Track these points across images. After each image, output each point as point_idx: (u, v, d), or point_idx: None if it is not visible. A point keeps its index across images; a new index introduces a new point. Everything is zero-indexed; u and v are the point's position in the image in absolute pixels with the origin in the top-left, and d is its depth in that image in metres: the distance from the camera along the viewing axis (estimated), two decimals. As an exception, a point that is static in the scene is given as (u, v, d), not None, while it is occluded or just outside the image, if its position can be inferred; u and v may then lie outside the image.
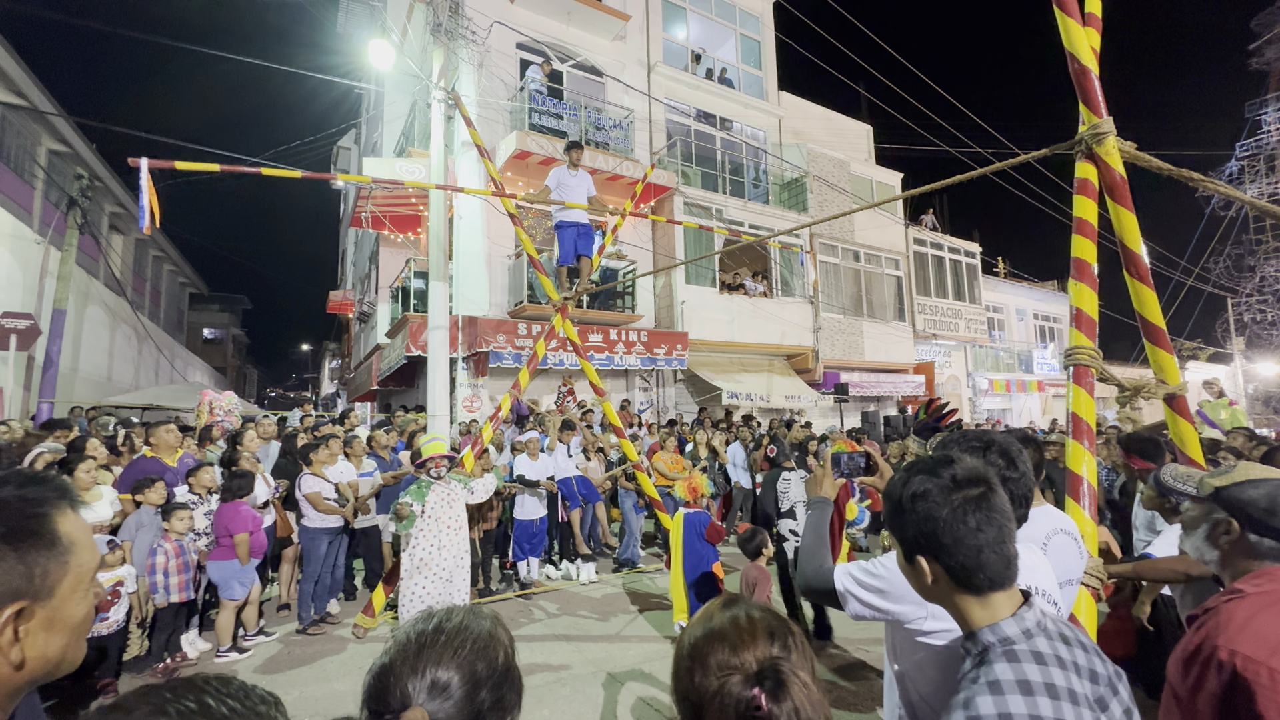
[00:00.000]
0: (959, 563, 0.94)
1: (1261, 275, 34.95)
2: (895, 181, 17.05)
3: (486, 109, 10.85)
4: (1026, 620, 0.92)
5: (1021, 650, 0.89)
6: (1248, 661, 1.07)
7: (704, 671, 0.79)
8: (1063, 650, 0.91)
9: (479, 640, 0.78)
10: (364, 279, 16.68)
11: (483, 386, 10.29)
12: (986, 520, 0.94)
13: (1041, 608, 0.97)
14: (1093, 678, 0.90)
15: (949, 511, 0.95)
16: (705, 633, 0.82)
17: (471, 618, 0.81)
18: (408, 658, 0.74)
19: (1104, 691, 0.90)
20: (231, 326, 35.59)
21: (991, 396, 19.43)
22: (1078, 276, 2.57)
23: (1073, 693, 0.86)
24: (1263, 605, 1.15)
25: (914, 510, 0.98)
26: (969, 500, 0.95)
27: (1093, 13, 3.03)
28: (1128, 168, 2.66)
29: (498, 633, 0.81)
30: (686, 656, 0.82)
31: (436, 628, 0.78)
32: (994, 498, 0.96)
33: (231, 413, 8.80)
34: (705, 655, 0.80)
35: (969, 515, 0.94)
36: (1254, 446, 4.72)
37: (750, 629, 0.80)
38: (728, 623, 0.82)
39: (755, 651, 0.78)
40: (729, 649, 0.79)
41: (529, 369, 5.90)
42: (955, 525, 0.94)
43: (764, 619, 0.83)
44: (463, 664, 0.74)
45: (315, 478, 5.00)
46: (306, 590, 4.98)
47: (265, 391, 48.23)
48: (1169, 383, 2.59)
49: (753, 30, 15.25)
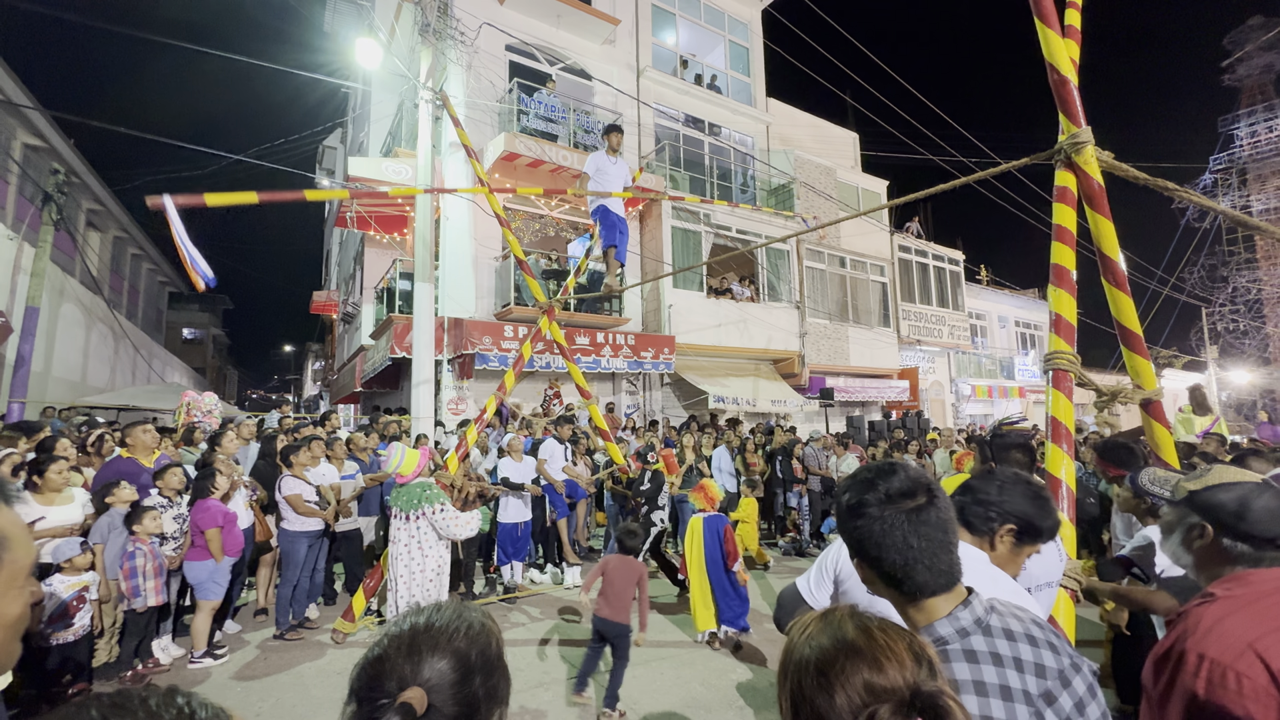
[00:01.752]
0: (888, 572, 0.96)
1: (1234, 286, 35.90)
2: (881, 189, 17.24)
3: (475, 110, 10.81)
4: (962, 620, 0.93)
5: (954, 650, 0.91)
6: (1214, 664, 1.08)
7: (844, 692, 0.69)
8: (1002, 647, 0.91)
9: (471, 629, 0.78)
10: (348, 280, 16.51)
11: (468, 389, 10.21)
12: (917, 533, 0.95)
13: (987, 605, 0.97)
14: (1039, 672, 0.90)
15: (879, 525, 0.96)
16: (836, 644, 0.73)
17: (463, 609, 0.81)
18: (401, 647, 0.74)
19: (1052, 685, 0.90)
20: (212, 326, 35.01)
21: (974, 402, 19.68)
22: (1057, 283, 2.61)
23: (1005, 689, 0.87)
24: (1231, 609, 1.15)
25: (850, 520, 1.01)
26: (901, 513, 0.96)
27: (1072, 25, 3.09)
28: (1106, 177, 2.72)
29: (488, 624, 0.81)
30: (816, 671, 0.72)
31: (429, 619, 0.78)
32: (929, 511, 0.96)
33: (211, 414, 8.66)
34: (845, 672, 0.70)
35: (899, 528, 0.95)
36: (1225, 451, 4.82)
37: (891, 645, 0.71)
38: (861, 636, 0.73)
39: (903, 673, 0.69)
40: (874, 667, 0.70)
41: (515, 371, 5.87)
42: (885, 538, 0.96)
43: (902, 635, 0.74)
44: (457, 651, 0.74)
45: (296, 480, 4.92)
46: (285, 594, 4.89)
47: (246, 393, 47.47)
48: (1145, 388, 2.64)
49: (741, 37, 15.37)
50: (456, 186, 10.57)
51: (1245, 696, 1.07)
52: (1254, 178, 35.36)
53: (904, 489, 0.98)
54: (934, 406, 17.93)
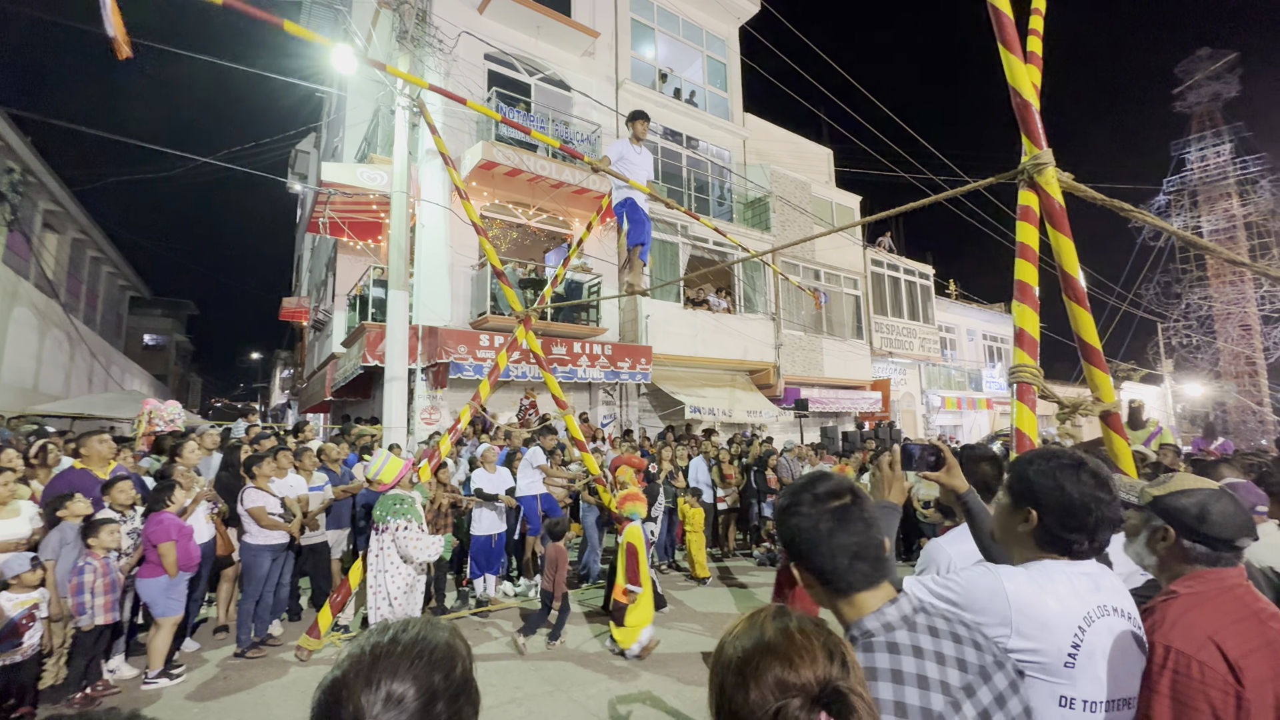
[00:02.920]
0: (819, 566, 1.04)
1: (1187, 302, 37.48)
2: (854, 204, 17.62)
3: (452, 118, 10.76)
4: (888, 615, 1.00)
5: (878, 642, 0.98)
6: (1179, 655, 1.17)
7: (759, 689, 0.73)
8: (925, 641, 0.98)
9: (436, 651, 0.75)
10: (320, 286, 16.19)
11: (442, 398, 10.07)
12: (845, 530, 1.03)
13: (916, 605, 1.05)
14: (961, 666, 0.98)
15: (810, 523, 1.05)
16: (756, 645, 0.76)
17: (429, 629, 0.78)
18: (361, 670, 0.71)
19: (972, 679, 0.97)
20: (175, 332, 33.90)
21: (944, 413, 20.11)
22: (1020, 298, 2.69)
23: (923, 678, 0.94)
24: (1193, 605, 1.25)
25: (784, 522, 1.09)
26: (828, 512, 1.04)
27: (1034, 51, 3.22)
28: (1066, 197, 2.82)
29: (455, 644, 0.78)
30: (736, 670, 0.76)
31: (392, 639, 0.75)
32: (853, 509, 1.05)
33: (174, 423, 8.38)
34: (760, 671, 0.74)
35: (825, 523, 1.04)
36: (1180, 461, 5.01)
37: (807, 645, 0.75)
38: (780, 635, 0.77)
39: (815, 670, 0.73)
40: (786, 665, 0.73)
41: (490, 380, 5.81)
42: (814, 535, 1.04)
43: (818, 633, 0.78)
44: (419, 676, 0.72)
45: (259, 491, 4.78)
46: (246, 610, 4.73)
47: (210, 401, 45.99)
48: (1104, 400, 2.73)
49: (719, 53, 15.62)
50: (432, 194, 10.49)
51: (1207, 684, 1.16)
52: (1204, 199, 37.09)
53: (831, 491, 1.07)
54: (905, 417, 18.27)
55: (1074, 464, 1.28)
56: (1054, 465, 1.29)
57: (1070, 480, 1.26)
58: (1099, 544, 1.26)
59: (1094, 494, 1.24)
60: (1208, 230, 36.40)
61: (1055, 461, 1.29)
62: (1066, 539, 1.26)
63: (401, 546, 4.11)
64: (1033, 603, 1.17)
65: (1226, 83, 37.02)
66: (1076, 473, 1.27)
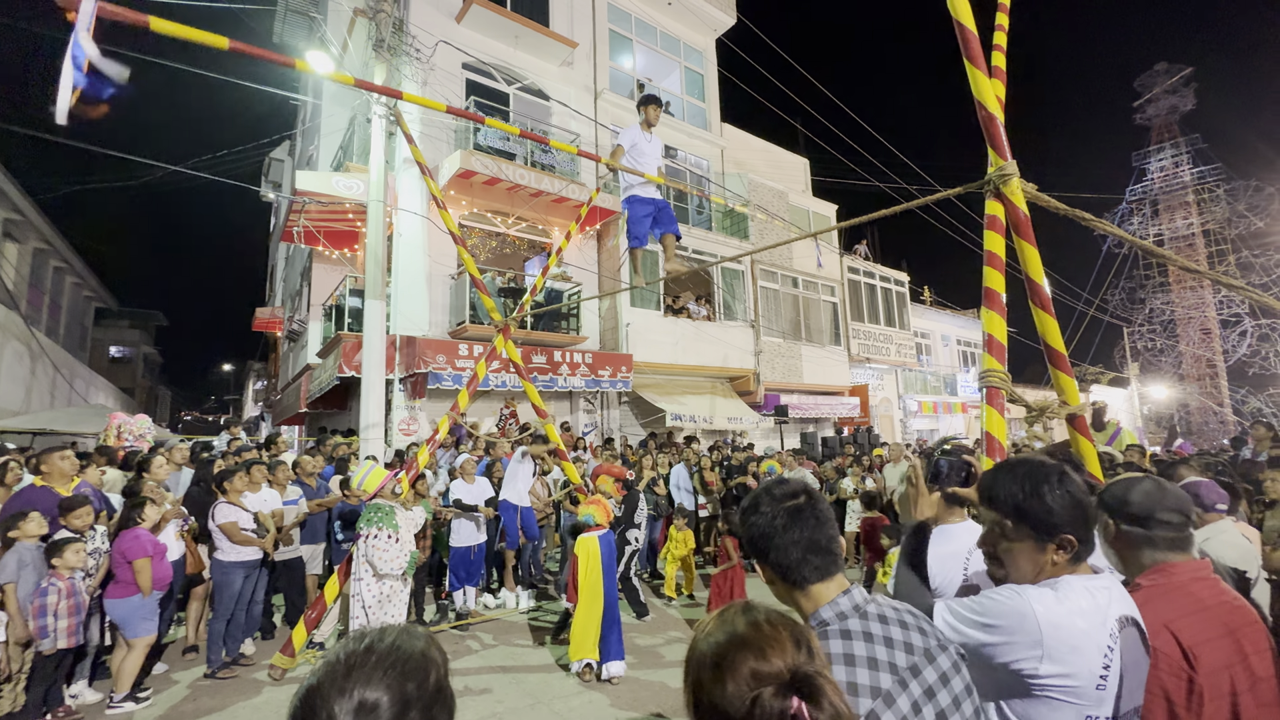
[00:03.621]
0: (776, 561, 1.12)
1: (1150, 307, 38.72)
2: (830, 212, 17.90)
3: (430, 126, 10.71)
4: (841, 605, 1.08)
5: (832, 630, 1.05)
6: None
7: (734, 681, 0.76)
8: (875, 628, 1.05)
9: (411, 660, 0.76)
10: (294, 296, 15.92)
11: (420, 409, 9.95)
12: (798, 526, 1.11)
13: (867, 596, 1.12)
14: (907, 649, 1.05)
15: (767, 521, 1.14)
16: (729, 639, 0.80)
17: (405, 637, 0.79)
18: (336, 678, 0.72)
19: (918, 660, 1.04)
20: (143, 344, 33.00)
21: (921, 418, 20.43)
22: (988, 305, 2.76)
23: (873, 660, 1.00)
24: (1153, 596, 1.32)
25: (746, 521, 1.18)
26: (786, 511, 1.13)
27: (998, 66, 3.32)
28: (1031, 207, 2.91)
29: (431, 652, 0.79)
30: (711, 665, 0.79)
31: (368, 647, 0.76)
32: (809, 507, 1.13)
33: (143, 438, 8.18)
34: (735, 664, 0.77)
35: (780, 519, 1.12)
36: (1147, 460, 5.16)
37: (775, 635, 0.79)
38: (751, 628, 0.80)
39: (785, 658, 0.77)
40: (758, 656, 0.77)
41: (469, 390, 5.76)
42: (770, 531, 1.13)
43: (785, 622, 0.82)
44: (392, 684, 0.72)
45: (231, 506, 4.67)
46: (218, 629, 4.60)
47: (179, 414, 44.76)
48: (1070, 404, 2.81)
49: (696, 64, 15.81)
50: (410, 203, 10.41)
51: (1161, 669, 1.24)
52: (1164, 208, 38.43)
53: (788, 492, 1.16)
54: (883, 422, 18.52)
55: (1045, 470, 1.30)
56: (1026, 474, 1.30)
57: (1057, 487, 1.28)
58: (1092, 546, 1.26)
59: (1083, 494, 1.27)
60: (1169, 238, 37.70)
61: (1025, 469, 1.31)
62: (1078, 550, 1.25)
63: (369, 555, 4.09)
64: (1061, 624, 1.16)
65: (1182, 96, 38.54)
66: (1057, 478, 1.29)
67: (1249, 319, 34.31)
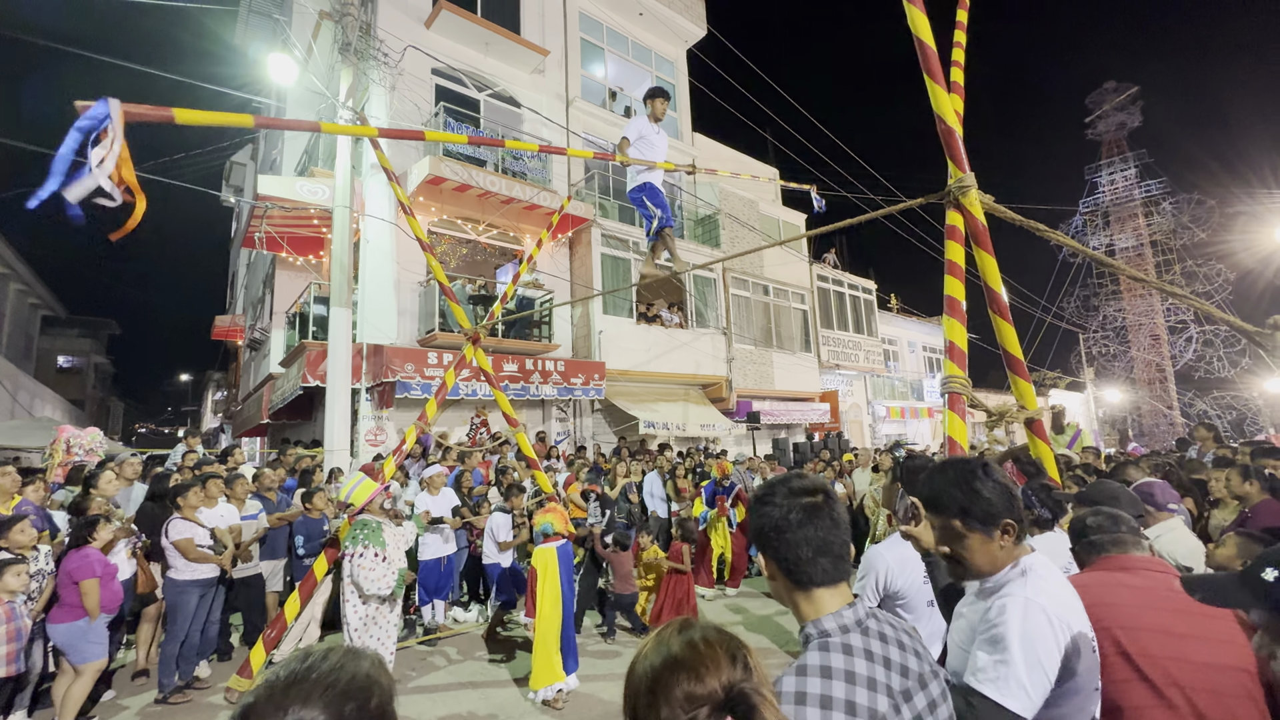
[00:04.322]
0: (785, 556, 1.09)
1: (1104, 314, 40.35)
2: (800, 221, 18.22)
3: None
4: (845, 618, 1.05)
5: (834, 642, 1.01)
6: None
7: (669, 706, 0.74)
8: (876, 646, 1.03)
9: (354, 681, 0.74)
10: (256, 303, 15.46)
11: (388, 419, 9.74)
12: (812, 524, 1.08)
13: (869, 610, 1.10)
14: (903, 672, 1.02)
15: (781, 513, 1.10)
16: (664, 661, 0.77)
17: (349, 658, 0.77)
18: (274, 696, 0.70)
19: (911, 685, 1.02)
20: (94, 354, 31.59)
21: (889, 423, 20.85)
22: (950, 313, 2.83)
23: (873, 680, 0.97)
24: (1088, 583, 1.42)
25: (759, 511, 1.14)
26: (801, 506, 1.09)
27: (957, 82, 3.44)
28: (989, 217, 3.00)
29: (376, 675, 0.77)
30: (646, 690, 0.77)
31: (309, 667, 0.74)
32: (826, 507, 1.10)
33: (93, 452, 7.83)
34: (669, 687, 0.75)
35: (794, 515, 1.08)
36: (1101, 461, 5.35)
37: (711, 654, 0.77)
38: (686, 648, 0.78)
39: (720, 677, 0.75)
40: (693, 678, 0.75)
41: (437, 399, 5.66)
42: (784, 525, 1.09)
43: (721, 640, 0.80)
44: (331, 703, 0.70)
45: (186, 522, 4.48)
46: (170, 652, 4.39)
47: (133, 427, 42.93)
48: (1028, 408, 2.89)
49: (667, 74, 15.96)
50: (377, 209, 10.23)
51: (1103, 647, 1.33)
52: (1115, 219, 40.19)
53: (806, 487, 1.12)
54: (853, 427, 18.84)
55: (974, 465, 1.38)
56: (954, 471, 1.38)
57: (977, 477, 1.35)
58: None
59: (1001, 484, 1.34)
60: (1120, 248, 39.40)
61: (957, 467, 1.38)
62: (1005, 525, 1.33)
63: (354, 575, 3.92)
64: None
65: (1130, 113, 40.47)
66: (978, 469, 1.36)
67: (1194, 325, 36.03)
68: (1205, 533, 4.04)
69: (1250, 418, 32.78)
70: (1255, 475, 3.65)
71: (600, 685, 4.50)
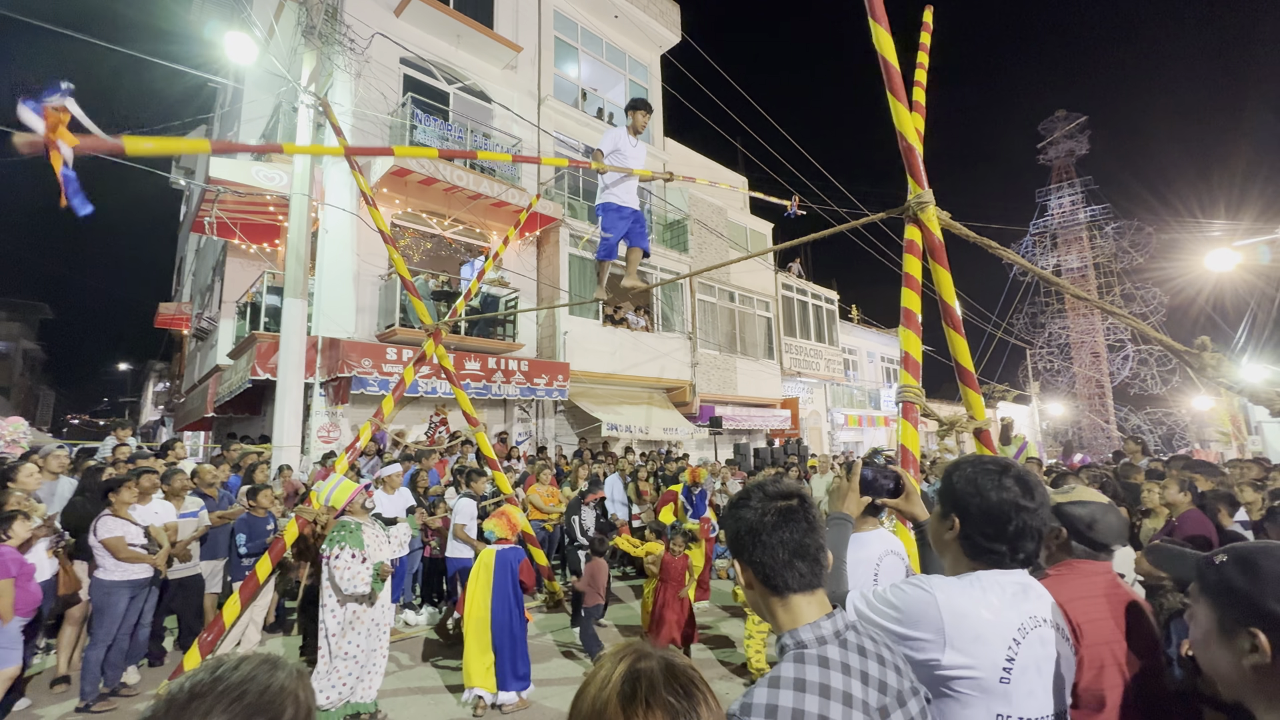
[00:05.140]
0: (759, 560, 1.06)
1: (1050, 331, 42.32)
2: (767, 230, 18.51)
3: (363, 121, 10.28)
4: (823, 628, 1.02)
5: (810, 654, 0.98)
6: None
7: None
8: (854, 659, 1.00)
9: (264, 694, 0.69)
10: (205, 291, 14.80)
11: (343, 415, 9.44)
12: (788, 527, 1.05)
13: (849, 621, 1.07)
14: (881, 688, 0.99)
15: (756, 516, 1.07)
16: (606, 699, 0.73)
17: (263, 669, 0.71)
18: (172, 709, 0.65)
19: (889, 702, 0.99)
20: (23, 339, 29.70)
21: (847, 430, 21.35)
22: (906, 324, 2.91)
23: (848, 695, 0.94)
24: (1055, 583, 1.46)
25: (734, 515, 1.12)
26: (777, 510, 1.07)
27: (918, 101, 3.54)
28: (946, 234, 3.10)
29: (292, 687, 0.72)
30: None
31: (216, 678, 0.68)
32: (802, 510, 1.07)
33: (15, 443, 7.36)
34: None
35: (769, 518, 1.06)
36: (1042, 472, 5.60)
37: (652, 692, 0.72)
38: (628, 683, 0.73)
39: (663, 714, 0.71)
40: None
41: (394, 397, 5.52)
42: (760, 527, 1.06)
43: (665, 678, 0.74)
44: (236, 717, 0.66)
45: (117, 520, 4.23)
46: (95, 657, 4.14)
47: (65, 417, 40.47)
48: (977, 419, 2.99)
49: (641, 78, 16.01)
50: (338, 199, 9.93)
51: None
52: (1062, 241, 42.27)
53: (782, 491, 1.10)
54: (812, 434, 19.21)
55: (997, 469, 1.26)
56: (975, 471, 1.27)
57: (990, 485, 1.24)
58: (1024, 554, 1.24)
59: (1015, 501, 1.22)
60: (1066, 268, 41.44)
61: (978, 467, 1.28)
62: (988, 548, 1.24)
63: (332, 576, 3.78)
64: (965, 613, 1.16)
65: (1078, 141, 42.68)
66: (998, 478, 1.24)
67: (1131, 344, 38.17)
68: (1135, 540, 4.27)
69: (1179, 433, 34.89)
70: (1189, 487, 3.88)
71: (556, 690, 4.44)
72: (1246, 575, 0.82)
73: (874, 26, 3.06)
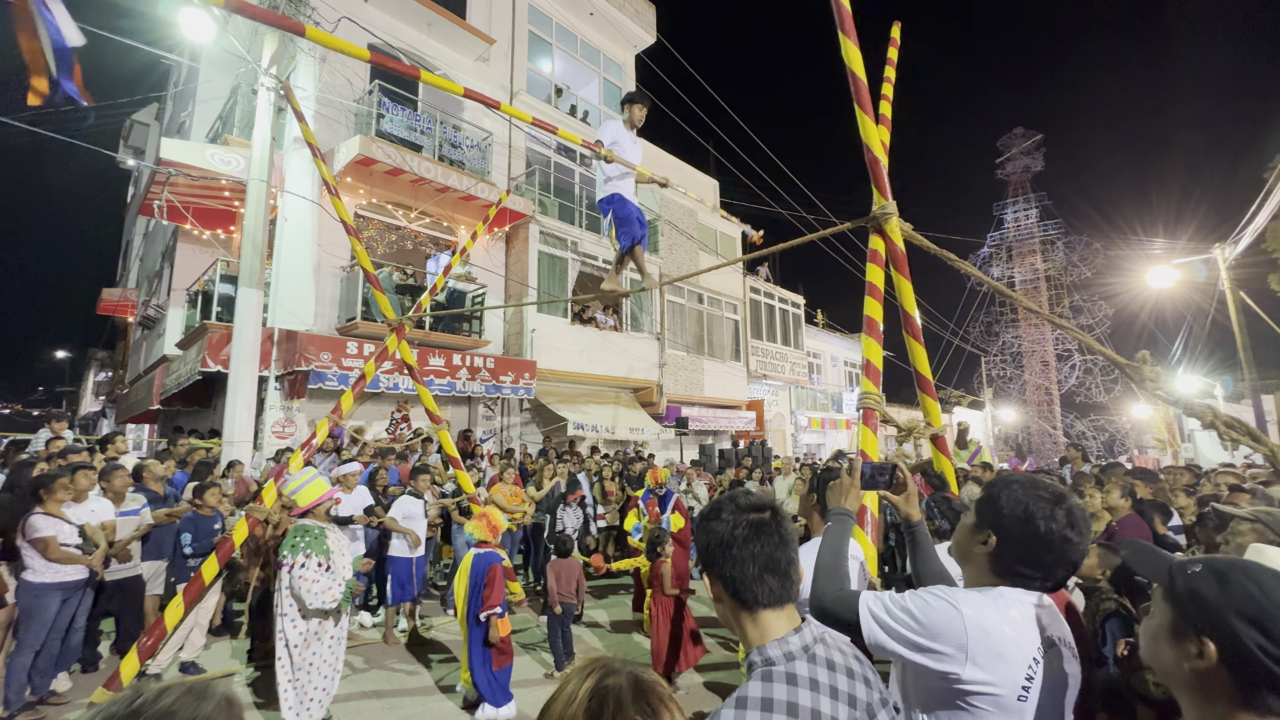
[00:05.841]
0: (730, 575, 1.04)
1: (1003, 340, 44.00)
2: (737, 234, 18.70)
3: (327, 107, 9.98)
4: (791, 644, 1.01)
5: (778, 671, 0.97)
6: None
7: None
8: (822, 674, 0.99)
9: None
10: (153, 277, 14.12)
11: (299, 410, 9.14)
12: (759, 541, 1.04)
13: (817, 635, 1.06)
14: (851, 702, 0.99)
15: (727, 529, 1.07)
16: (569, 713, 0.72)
17: (187, 699, 0.67)
18: None
19: (859, 715, 0.99)
20: (-50, 322, 27.76)
21: (810, 432, 21.76)
22: (868, 331, 2.98)
23: (816, 713, 0.93)
24: None
25: (705, 528, 1.11)
26: (749, 523, 1.06)
27: (884, 114, 3.63)
28: (908, 244, 3.18)
29: (224, 716, 0.68)
30: None
31: (136, 708, 0.64)
32: (774, 524, 1.06)
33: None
34: None
35: (741, 531, 1.05)
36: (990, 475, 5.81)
37: (619, 710, 0.71)
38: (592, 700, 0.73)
39: None
40: None
41: (354, 392, 5.36)
42: (731, 540, 1.05)
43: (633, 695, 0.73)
44: None
45: (49, 518, 4.00)
46: (21, 663, 3.90)
47: (-5, 407, 38.06)
48: (933, 425, 3.08)
49: (615, 77, 15.98)
50: (298, 186, 9.60)
51: None
52: (1017, 254, 44.00)
53: (754, 504, 1.09)
54: (776, 436, 19.51)
55: (1050, 499, 1.23)
56: (1028, 495, 1.24)
57: (1042, 515, 1.21)
58: (1053, 582, 1.24)
59: (1063, 534, 1.20)
60: (1019, 280, 43.14)
61: (1031, 492, 1.25)
62: (1020, 571, 1.23)
63: (295, 588, 3.46)
64: (990, 631, 1.14)
65: (1034, 158, 44.47)
66: (1051, 508, 1.21)
67: (1078, 355, 39.98)
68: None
69: (1119, 439, 36.72)
70: (1129, 493, 4.08)
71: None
72: (1219, 587, 0.85)
73: (843, 40, 3.12)
